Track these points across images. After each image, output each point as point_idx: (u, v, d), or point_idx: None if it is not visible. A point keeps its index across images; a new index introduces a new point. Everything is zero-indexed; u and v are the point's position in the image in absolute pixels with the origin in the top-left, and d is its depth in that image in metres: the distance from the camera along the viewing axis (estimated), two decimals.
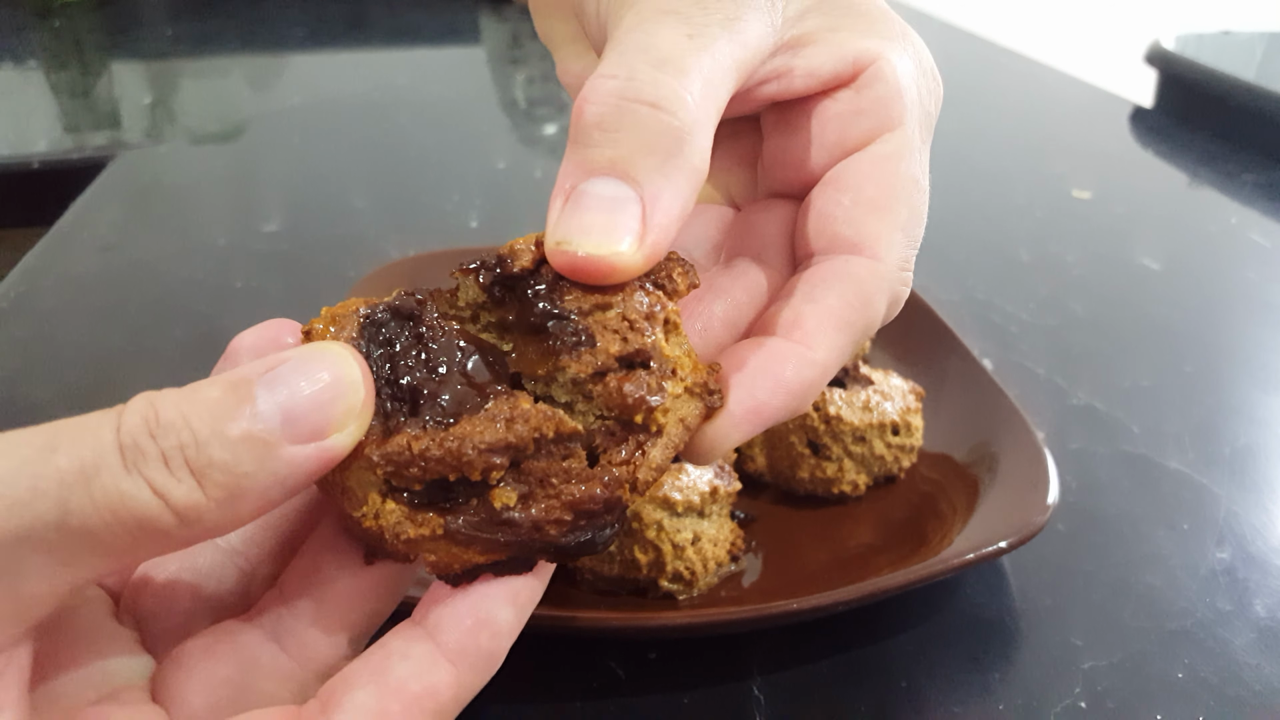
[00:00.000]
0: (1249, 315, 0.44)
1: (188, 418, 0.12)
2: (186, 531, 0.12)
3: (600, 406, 0.14)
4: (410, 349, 0.14)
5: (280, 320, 0.15)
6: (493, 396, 0.13)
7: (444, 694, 0.13)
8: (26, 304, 0.42)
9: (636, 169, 0.14)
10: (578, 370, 0.14)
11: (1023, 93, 0.77)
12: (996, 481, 0.28)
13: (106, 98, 0.70)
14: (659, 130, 0.14)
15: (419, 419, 0.13)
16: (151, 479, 0.11)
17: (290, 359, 0.13)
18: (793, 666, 0.24)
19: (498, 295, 0.15)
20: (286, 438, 0.12)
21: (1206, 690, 0.24)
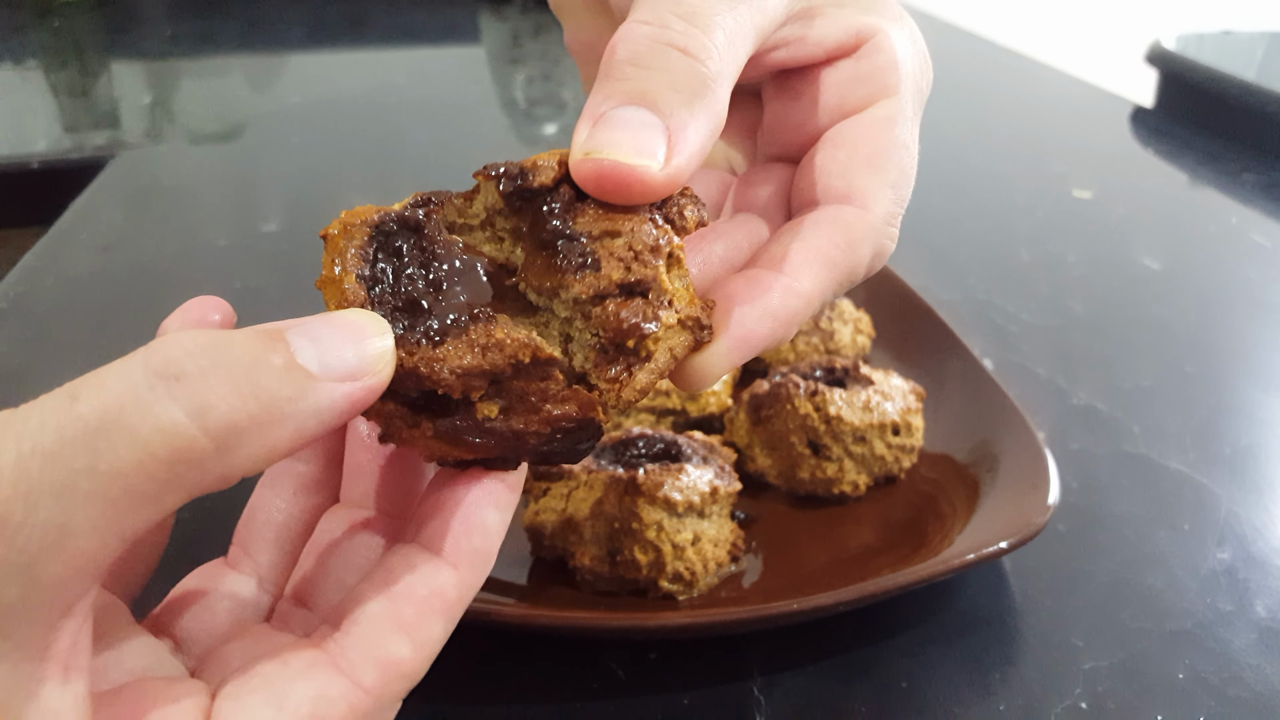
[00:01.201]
0: (1250, 315, 0.44)
1: (230, 343, 0.12)
2: (221, 459, 0.12)
3: (596, 327, 0.14)
4: (413, 261, 0.14)
5: (203, 298, 0.16)
6: (480, 320, 0.14)
7: (450, 593, 0.14)
8: (26, 304, 0.42)
9: (665, 102, 0.15)
10: (579, 291, 0.14)
11: (1023, 93, 0.77)
12: (997, 482, 0.28)
13: (106, 97, 0.70)
14: (688, 72, 0.15)
15: (414, 331, 0.14)
16: (186, 400, 0.11)
17: (315, 318, 0.13)
18: (793, 667, 0.24)
19: (516, 205, 0.15)
20: (326, 375, 0.13)
21: (1207, 691, 0.24)
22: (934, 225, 0.52)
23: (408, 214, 0.15)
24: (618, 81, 0.15)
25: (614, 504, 0.25)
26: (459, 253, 0.15)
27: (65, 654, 0.12)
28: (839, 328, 0.36)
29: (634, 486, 0.25)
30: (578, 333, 0.15)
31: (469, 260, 0.15)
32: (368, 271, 0.14)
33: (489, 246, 0.15)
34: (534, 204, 0.15)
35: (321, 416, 0.13)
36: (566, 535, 0.26)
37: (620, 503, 0.25)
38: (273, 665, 0.13)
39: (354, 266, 0.15)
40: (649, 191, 0.15)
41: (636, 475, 0.26)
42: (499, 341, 0.14)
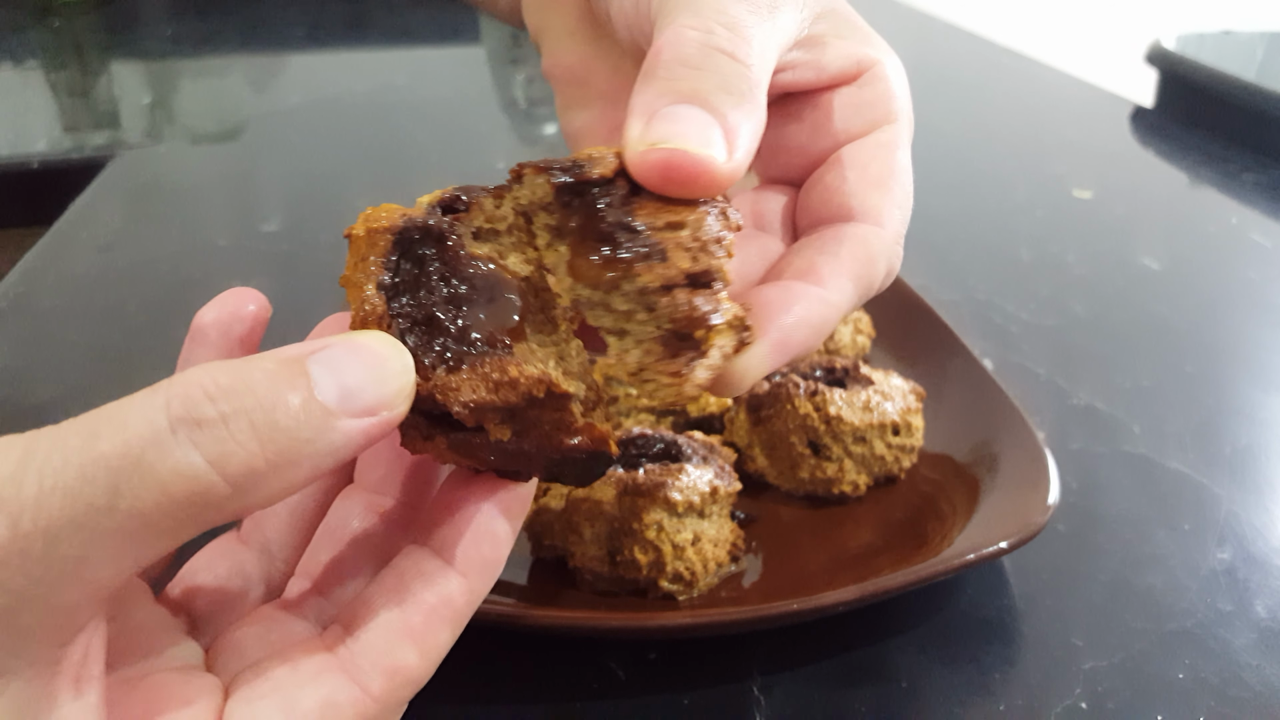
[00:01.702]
0: (1250, 315, 0.44)
1: (250, 385, 0.12)
2: (238, 501, 0.12)
3: (664, 317, 0.14)
4: (435, 274, 0.14)
5: (239, 290, 0.16)
6: (498, 350, 0.14)
7: (458, 601, 0.14)
8: (26, 304, 0.42)
9: (718, 102, 0.15)
10: (649, 281, 0.14)
11: (1024, 93, 0.77)
12: (997, 482, 0.28)
13: (106, 97, 0.70)
14: (737, 76, 0.15)
15: (431, 351, 0.14)
16: (206, 447, 0.12)
17: (339, 344, 0.13)
18: (793, 667, 0.24)
19: (566, 200, 0.15)
20: (344, 411, 0.13)
21: (1207, 691, 0.24)
22: (934, 225, 0.52)
23: (433, 223, 0.15)
24: (669, 81, 0.15)
25: (614, 504, 0.25)
26: (482, 268, 0.14)
27: (77, 667, 0.12)
28: (839, 327, 0.36)
29: (634, 486, 0.25)
30: (638, 325, 0.14)
31: (492, 276, 0.14)
32: (389, 280, 0.14)
33: (514, 257, 0.15)
34: (586, 198, 0.15)
35: (338, 454, 0.13)
36: (567, 535, 0.26)
37: (620, 502, 0.25)
38: (284, 669, 0.14)
39: (375, 274, 0.14)
40: (714, 183, 0.15)
41: (637, 475, 0.26)
42: (513, 379, 0.14)
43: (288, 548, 0.17)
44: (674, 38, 0.16)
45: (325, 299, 0.40)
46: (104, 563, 0.11)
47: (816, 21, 0.18)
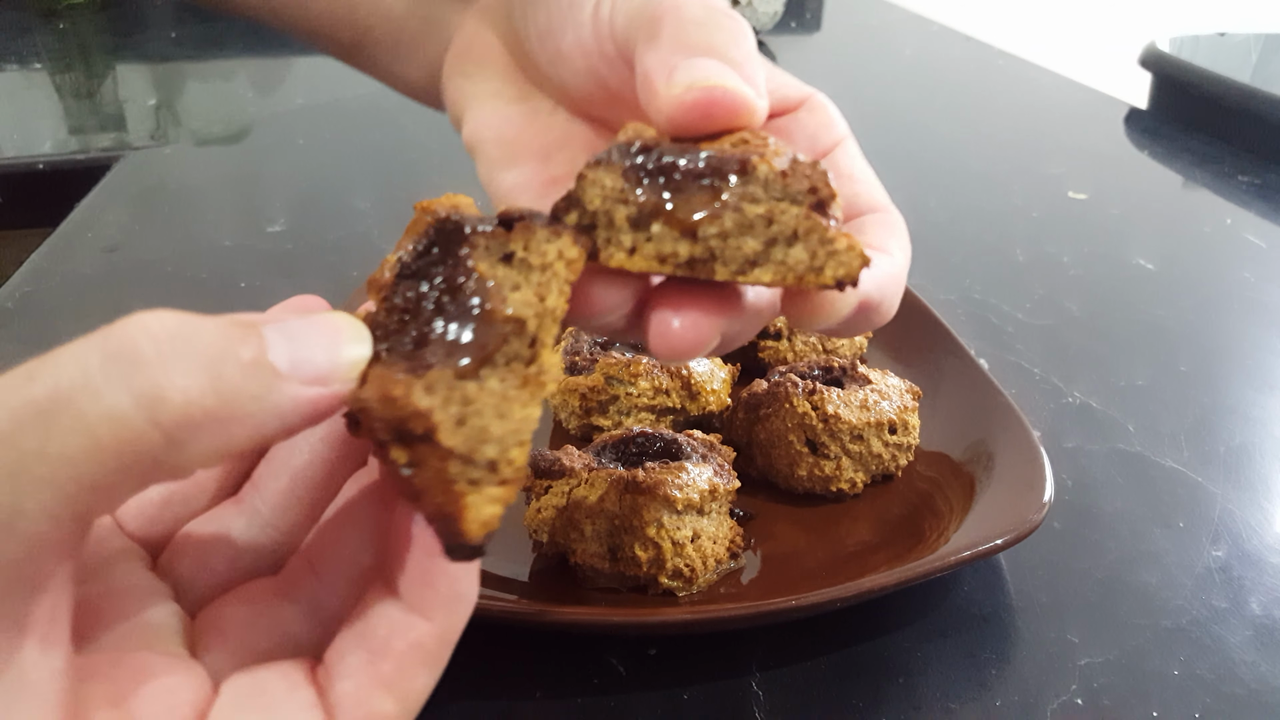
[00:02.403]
0: (1244, 315, 0.44)
1: (200, 332, 0.12)
2: (174, 453, 0.11)
3: (798, 189, 0.15)
4: (439, 275, 0.14)
5: (306, 297, 0.16)
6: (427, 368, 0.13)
7: (429, 644, 0.14)
8: (32, 304, 0.42)
9: (733, 54, 0.16)
10: (770, 168, 0.15)
11: (1019, 95, 0.77)
12: (993, 480, 0.28)
13: (111, 99, 0.70)
14: (740, 33, 0.17)
15: (388, 341, 0.14)
16: (139, 388, 0.11)
17: (298, 316, 0.13)
18: (791, 663, 0.24)
19: (635, 176, 0.15)
20: (294, 376, 0.12)
21: (1202, 687, 0.24)
22: (931, 226, 0.52)
23: (466, 228, 0.14)
24: (680, 39, 0.16)
25: (614, 501, 0.26)
26: (478, 287, 0.14)
27: (42, 626, 0.12)
28: None
29: (634, 484, 0.26)
30: (782, 212, 0.15)
31: (480, 302, 0.14)
32: (408, 260, 0.14)
33: (526, 295, 0.14)
34: (658, 164, 0.15)
35: (284, 418, 0.12)
36: (567, 532, 0.26)
37: (620, 500, 0.25)
38: (263, 709, 0.13)
39: (402, 249, 0.14)
40: (753, 114, 0.16)
41: (637, 473, 0.26)
42: (394, 398, 0.13)
43: (282, 514, 0.16)
44: (676, 4, 0.17)
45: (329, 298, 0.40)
46: (38, 515, 0.11)
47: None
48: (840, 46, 0.94)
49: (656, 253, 0.15)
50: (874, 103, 0.74)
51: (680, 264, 0.15)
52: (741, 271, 0.15)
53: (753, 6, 0.84)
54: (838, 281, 0.15)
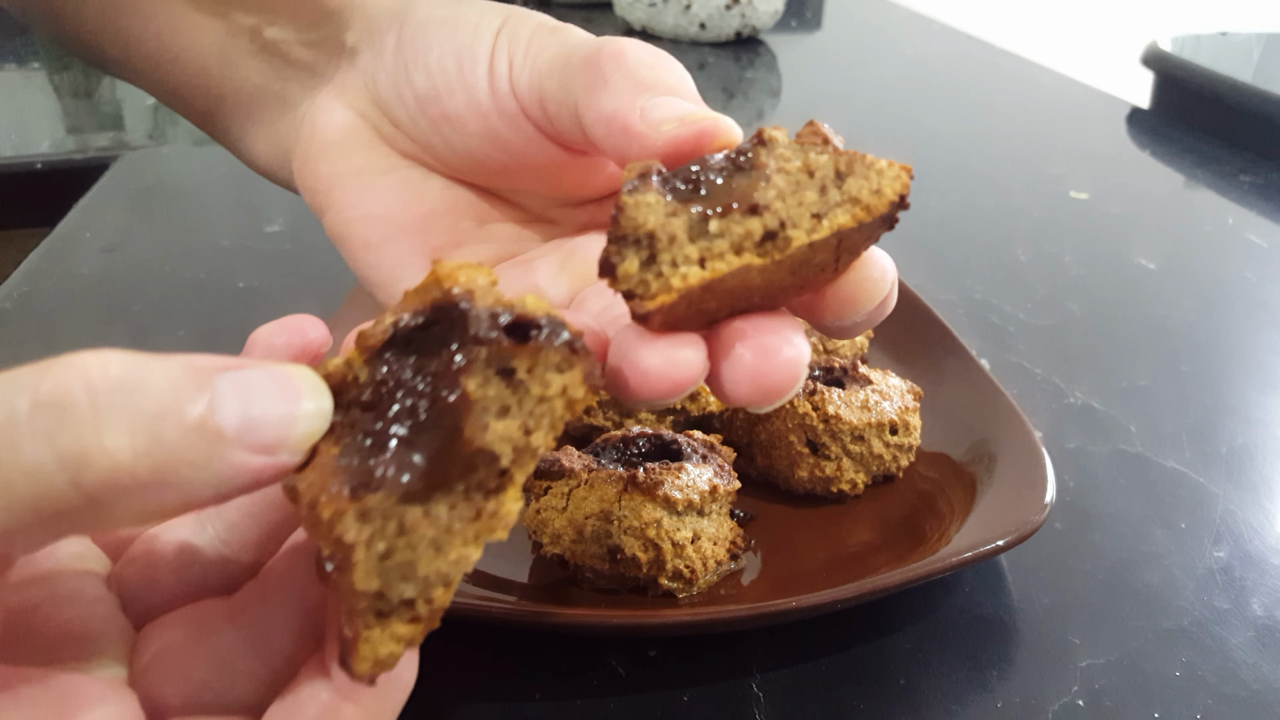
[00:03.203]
0: (1246, 315, 0.44)
1: (144, 383, 0.11)
2: (93, 515, 0.11)
3: (815, 141, 0.15)
4: (420, 368, 0.13)
5: (303, 316, 0.15)
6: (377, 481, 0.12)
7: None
8: (29, 304, 0.42)
9: (685, 90, 0.17)
10: (784, 135, 0.15)
11: (1020, 94, 0.77)
12: (994, 480, 0.28)
13: (110, 99, 0.70)
14: (685, 73, 0.17)
15: (363, 465, 0.12)
16: (63, 443, 0.10)
17: (260, 367, 0.12)
18: (792, 664, 0.24)
19: (677, 189, 0.14)
20: (240, 442, 0.11)
21: (1204, 688, 0.24)
22: (932, 226, 0.52)
23: (471, 329, 0.12)
24: (640, 80, 0.16)
25: (614, 502, 0.25)
26: (450, 402, 0.12)
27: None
28: None
29: (634, 485, 0.25)
30: (817, 159, 0.15)
31: (449, 421, 0.12)
32: (399, 330, 0.13)
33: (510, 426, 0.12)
34: (684, 173, 0.15)
35: (220, 487, 0.11)
36: (567, 533, 0.26)
37: (620, 501, 0.25)
38: None
39: (400, 313, 0.13)
40: (736, 140, 0.16)
41: (636, 474, 0.26)
42: (320, 521, 0.12)
43: (239, 535, 0.15)
44: (618, 49, 0.17)
45: (328, 298, 0.40)
46: None
47: None
48: (841, 45, 0.93)
49: (730, 245, 0.14)
50: (874, 102, 0.74)
51: (756, 245, 0.14)
52: (814, 228, 0.14)
53: (753, 5, 0.84)
54: (900, 197, 0.15)
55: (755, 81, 0.78)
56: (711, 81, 0.76)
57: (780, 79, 0.80)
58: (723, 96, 0.73)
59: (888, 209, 0.15)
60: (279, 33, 0.22)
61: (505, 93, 0.19)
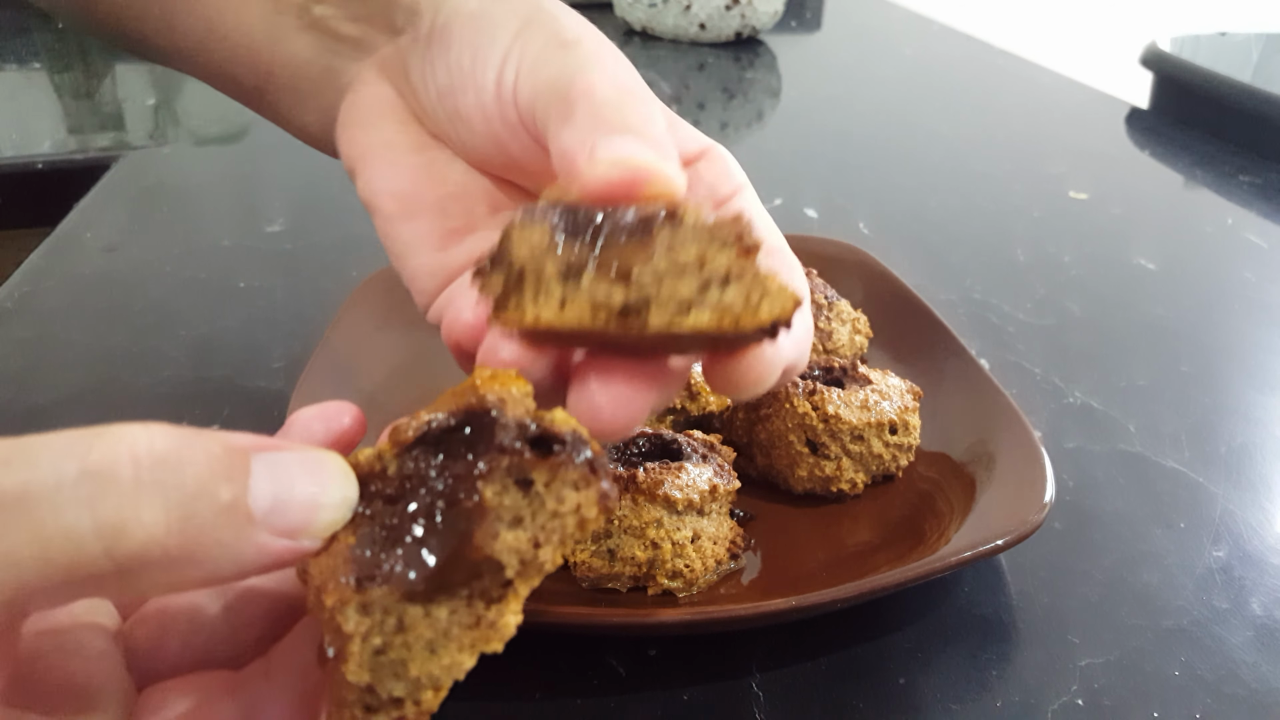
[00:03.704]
0: (1245, 315, 0.44)
1: (185, 462, 0.11)
2: (119, 583, 0.11)
3: (727, 234, 0.15)
4: (444, 471, 0.13)
5: (342, 404, 0.16)
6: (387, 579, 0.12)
7: None
8: (30, 304, 0.42)
9: (647, 133, 0.16)
10: (697, 215, 0.15)
11: (1020, 95, 0.77)
12: (994, 480, 0.28)
13: (110, 99, 0.70)
14: (653, 114, 0.17)
15: (374, 556, 0.12)
16: (103, 513, 0.11)
17: (296, 451, 0.13)
18: (792, 663, 0.24)
19: (567, 231, 0.14)
20: (267, 525, 0.12)
21: (1203, 688, 0.24)
22: (931, 226, 0.52)
23: (501, 438, 0.13)
24: (596, 118, 0.16)
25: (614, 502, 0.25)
26: (467, 507, 0.12)
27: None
28: (837, 327, 0.36)
29: (634, 484, 0.25)
30: (714, 254, 0.14)
31: (462, 528, 0.12)
32: (433, 430, 0.13)
33: (519, 535, 0.13)
34: (584, 217, 0.15)
35: (243, 566, 0.12)
36: None
37: (620, 501, 0.25)
38: None
39: (439, 411, 0.13)
40: (674, 191, 0.16)
41: (636, 473, 0.26)
42: (325, 605, 0.12)
43: (250, 608, 0.15)
44: (589, 85, 0.17)
45: (328, 299, 0.40)
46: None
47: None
48: (840, 46, 0.94)
49: (590, 301, 0.14)
50: (874, 102, 0.74)
51: (614, 314, 0.14)
52: (677, 317, 0.14)
53: (753, 5, 0.84)
54: (773, 323, 0.14)
55: (755, 82, 0.78)
56: (711, 82, 0.76)
57: (780, 79, 0.80)
58: (723, 97, 0.73)
59: (756, 330, 0.14)
60: (327, 9, 0.22)
61: (508, 101, 0.19)
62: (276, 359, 0.38)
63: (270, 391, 0.36)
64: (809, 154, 0.63)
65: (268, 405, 0.35)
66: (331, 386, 0.32)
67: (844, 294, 0.38)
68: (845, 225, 0.51)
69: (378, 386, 0.33)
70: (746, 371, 0.15)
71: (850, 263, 0.40)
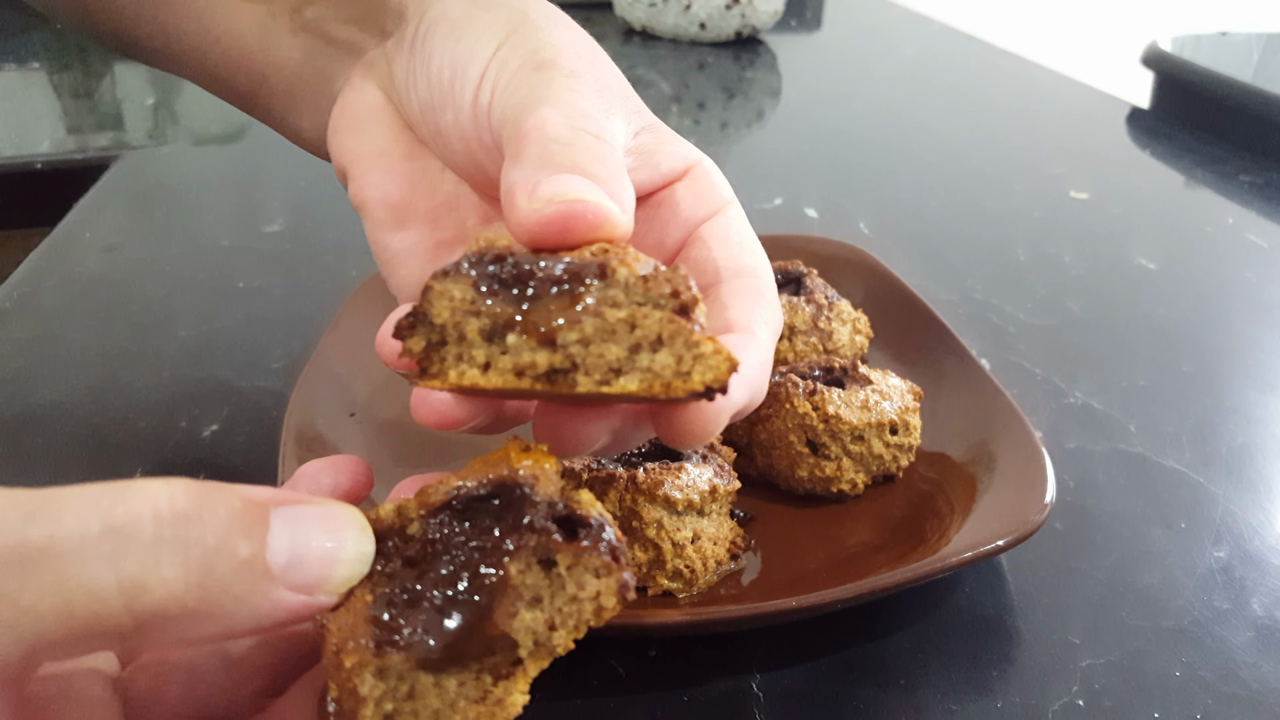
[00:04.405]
0: (1246, 315, 0.44)
1: (207, 518, 0.11)
2: (138, 637, 0.11)
3: (660, 293, 0.14)
4: (466, 544, 0.13)
5: (351, 458, 0.16)
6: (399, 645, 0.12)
7: None
8: (29, 304, 0.42)
9: (596, 170, 0.16)
10: (630, 272, 0.14)
11: (1020, 94, 0.77)
12: (994, 480, 0.28)
13: (110, 99, 0.70)
14: (606, 150, 0.17)
15: (392, 619, 0.13)
16: (126, 570, 0.11)
17: (314, 505, 0.13)
18: (792, 664, 0.24)
19: (491, 287, 0.14)
20: (284, 580, 0.12)
21: (1204, 688, 0.24)
22: (932, 226, 0.52)
23: (526, 518, 0.13)
24: (544, 156, 0.16)
25: (614, 502, 0.25)
26: (489, 583, 0.13)
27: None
28: (837, 327, 0.36)
29: (634, 485, 0.25)
30: (645, 316, 0.14)
31: (481, 599, 0.13)
32: (455, 499, 0.13)
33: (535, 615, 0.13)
34: (510, 270, 0.14)
35: (259, 620, 0.12)
36: None
37: (620, 501, 0.25)
38: None
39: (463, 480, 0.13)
40: (615, 228, 0.15)
41: (636, 474, 0.26)
42: (342, 666, 0.12)
43: (252, 660, 0.15)
44: (540, 121, 0.16)
45: (327, 299, 0.40)
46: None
47: (640, 134, 0.20)
48: (841, 45, 0.93)
49: (514, 365, 0.14)
50: (874, 102, 0.74)
51: (539, 376, 0.14)
52: (605, 382, 0.14)
53: (753, 5, 0.84)
54: (706, 388, 0.14)
55: (755, 81, 0.78)
56: (711, 82, 0.76)
57: (780, 79, 0.80)
58: (723, 97, 0.73)
59: (688, 394, 0.14)
60: (318, 11, 0.22)
61: (484, 125, 0.19)
62: (275, 359, 0.38)
63: (269, 392, 0.36)
64: (809, 154, 0.63)
65: (266, 406, 0.35)
66: (330, 387, 0.32)
67: (844, 294, 0.38)
68: (845, 225, 0.51)
69: (376, 387, 0.33)
70: (689, 426, 0.15)
71: (850, 263, 0.40)
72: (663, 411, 0.15)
